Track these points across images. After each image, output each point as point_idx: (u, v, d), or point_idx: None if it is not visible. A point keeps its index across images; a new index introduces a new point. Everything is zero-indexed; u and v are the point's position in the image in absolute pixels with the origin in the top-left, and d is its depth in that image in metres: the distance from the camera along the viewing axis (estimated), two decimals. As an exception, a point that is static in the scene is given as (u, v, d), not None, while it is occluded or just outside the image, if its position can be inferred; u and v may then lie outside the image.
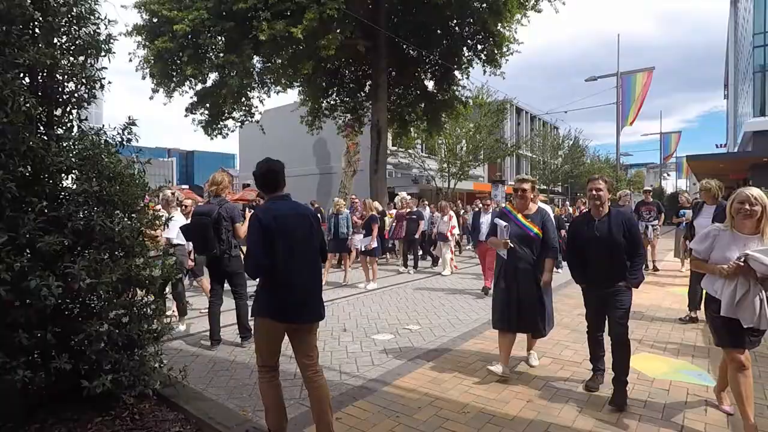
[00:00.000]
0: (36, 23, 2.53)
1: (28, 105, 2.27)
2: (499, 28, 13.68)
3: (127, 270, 2.52)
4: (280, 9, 10.54)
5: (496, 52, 14.55)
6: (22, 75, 2.41)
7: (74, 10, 2.73)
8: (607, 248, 3.00)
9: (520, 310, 3.40)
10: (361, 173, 20.29)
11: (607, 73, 20.65)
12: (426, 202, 12.69)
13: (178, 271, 3.07)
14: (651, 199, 9.25)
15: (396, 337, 4.51)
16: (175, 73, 12.43)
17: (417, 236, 9.61)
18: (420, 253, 10.48)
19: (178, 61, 12.08)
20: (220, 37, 12.44)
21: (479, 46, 15.08)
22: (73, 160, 2.45)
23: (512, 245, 3.41)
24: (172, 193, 5.08)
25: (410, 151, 23.54)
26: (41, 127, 2.56)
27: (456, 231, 9.67)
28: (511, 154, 30.28)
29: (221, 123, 14.59)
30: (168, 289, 4.06)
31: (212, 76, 13.18)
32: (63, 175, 2.51)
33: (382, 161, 14.76)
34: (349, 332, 4.71)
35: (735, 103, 31.33)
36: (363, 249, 7.69)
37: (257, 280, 2.49)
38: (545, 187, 33.93)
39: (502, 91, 25.08)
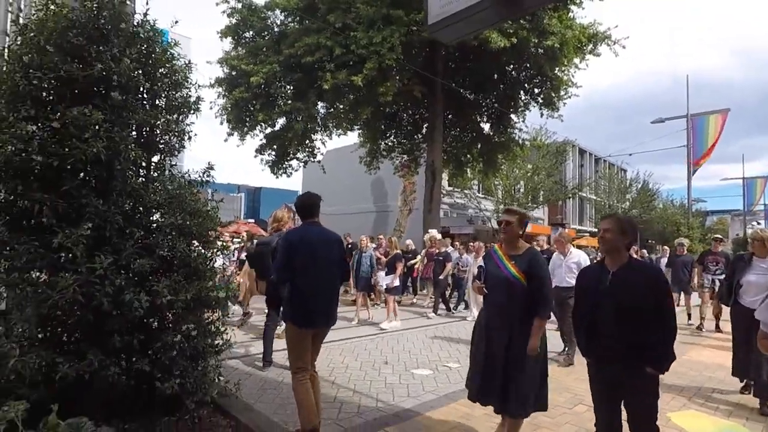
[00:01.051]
0: (144, 90, 3.19)
1: (134, 154, 2.87)
2: (556, 72, 13.84)
3: (199, 291, 2.98)
4: (343, 60, 11.52)
5: (553, 95, 14.64)
6: (131, 131, 3.05)
7: (173, 78, 3.40)
8: (621, 312, 2.27)
9: (484, 376, 2.77)
10: (417, 212, 20.66)
11: (677, 114, 19.82)
12: (457, 243, 12.51)
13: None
14: (720, 249, 8.16)
15: (434, 373, 4.64)
16: (248, 119, 13.78)
17: (442, 277, 9.14)
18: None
19: (252, 108, 13.43)
20: (288, 87, 13.74)
21: (536, 90, 15.25)
22: (163, 198, 3.00)
23: (486, 291, 2.83)
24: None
25: (466, 191, 23.68)
26: (142, 172, 3.18)
27: None
28: (573, 196, 29.36)
29: (286, 163, 15.78)
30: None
31: (280, 121, 14.44)
32: (155, 210, 3.07)
33: (436, 201, 15.06)
34: (390, 365, 4.90)
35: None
36: (385, 287, 7.79)
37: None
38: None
39: (561, 133, 24.74)
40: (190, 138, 3.53)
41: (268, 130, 14.87)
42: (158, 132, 3.17)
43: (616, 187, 33.56)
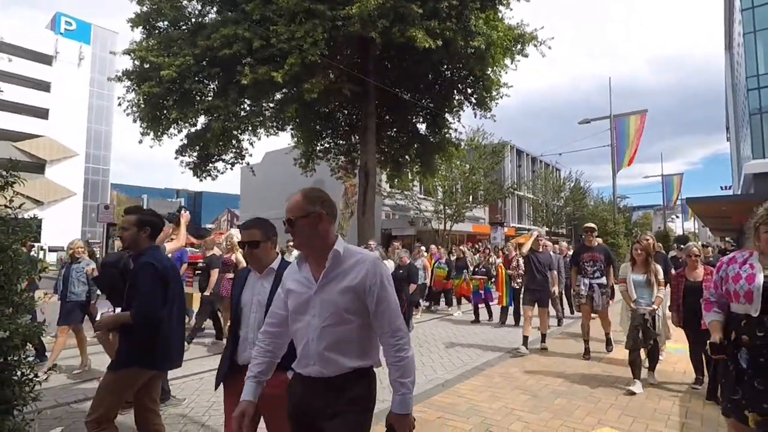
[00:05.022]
0: None
1: None
2: (488, 72, 13.83)
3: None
4: (264, 55, 10.73)
5: (485, 95, 14.65)
6: None
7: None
8: None
9: None
10: (357, 215, 20.15)
11: (602, 115, 20.69)
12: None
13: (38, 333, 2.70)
14: (596, 243, 6.06)
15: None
16: (162, 117, 12.58)
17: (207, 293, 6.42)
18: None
19: (166, 105, 12.26)
20: (209, 82, 12.70)
21: (469, 90, 15.23)
22: None
23: None
24: None
25: (407, 192, 23.49)
26: None
27: None
28: (510, 195, 30.12)
29: (210, 165, 14.65)
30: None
31: (201, 120, 13.35)
32: None
33: (370, 203, 14.57)
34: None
35: (737, 145, 31.24)
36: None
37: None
38: (548, 228, 33.45)
39: (504, 134, 25.32)
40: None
41: (188, 129, 13.72)
42: None
43: (551, 186, 34.94)
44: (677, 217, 62.13)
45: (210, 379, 4.75)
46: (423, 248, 10.84)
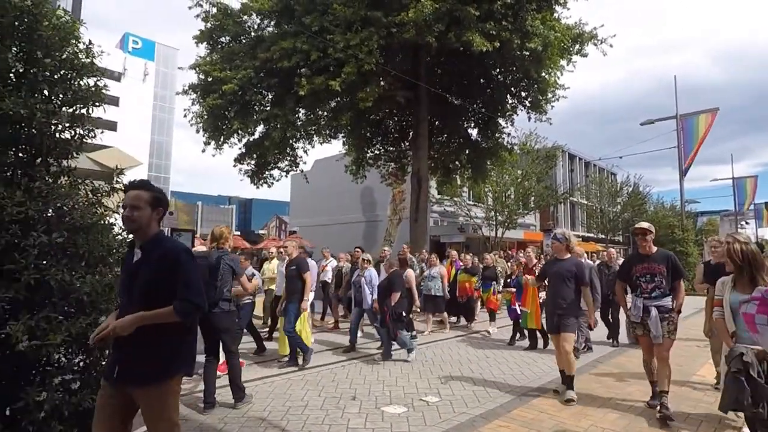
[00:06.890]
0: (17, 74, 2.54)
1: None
2: (542, 74, 13.41)
3: (84, 329, 2.30)
4: (321, 65, 10.95)
5: (540, 98, 14.23)
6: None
7: (72, 63, 2.75)
8: None
9: None
10: (407, 221, 20.06)
11: (666, 115, 19.47)
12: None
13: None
14: (654, 250, 4.15)
15: (409, 411, 3.95)
16: (224, 127, 13.14)
17: None
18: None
19: (227, 115, 12.80)
20: (267, 93, 13.15)
21: (523, 93, 14.84)
22: (36, 210, 2.33)
23: None
24: None
25: (456, 199, 23.16)
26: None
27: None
28: (563, 201, 28.99)
29: (267, 173, 15.12)
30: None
31: (259, 129, 13.83)
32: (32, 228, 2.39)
33: (423, 209, 14.47)
34: (358, 401, 4.21)
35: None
36: None
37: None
38: (603, 236, 31.89)
39: (552, 138, 24.37)
40: (94, 135, 2.89)
41: (247, 138, 14.25)
42: (35, 126, 2.50)
43: (607, 191, 33.29)
44: (747, 223, 57.22)
45: (281, 383, 4.80)
46: (435, 255, 9.41)
